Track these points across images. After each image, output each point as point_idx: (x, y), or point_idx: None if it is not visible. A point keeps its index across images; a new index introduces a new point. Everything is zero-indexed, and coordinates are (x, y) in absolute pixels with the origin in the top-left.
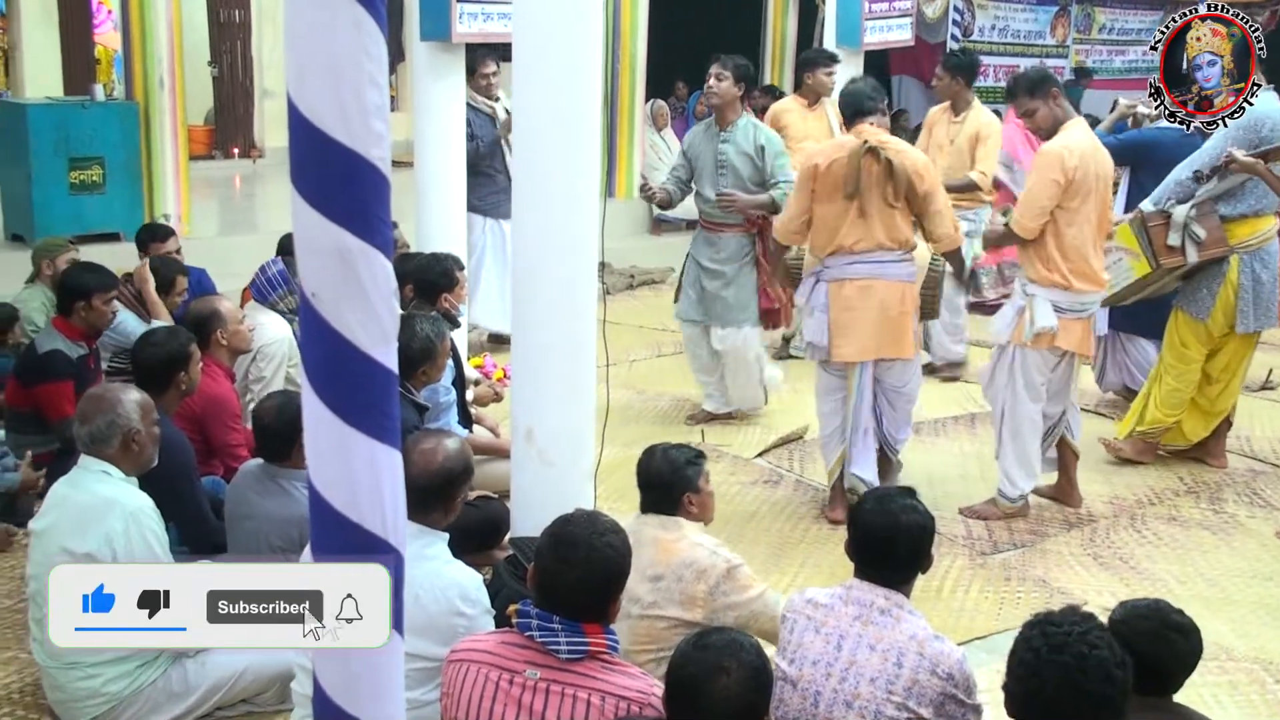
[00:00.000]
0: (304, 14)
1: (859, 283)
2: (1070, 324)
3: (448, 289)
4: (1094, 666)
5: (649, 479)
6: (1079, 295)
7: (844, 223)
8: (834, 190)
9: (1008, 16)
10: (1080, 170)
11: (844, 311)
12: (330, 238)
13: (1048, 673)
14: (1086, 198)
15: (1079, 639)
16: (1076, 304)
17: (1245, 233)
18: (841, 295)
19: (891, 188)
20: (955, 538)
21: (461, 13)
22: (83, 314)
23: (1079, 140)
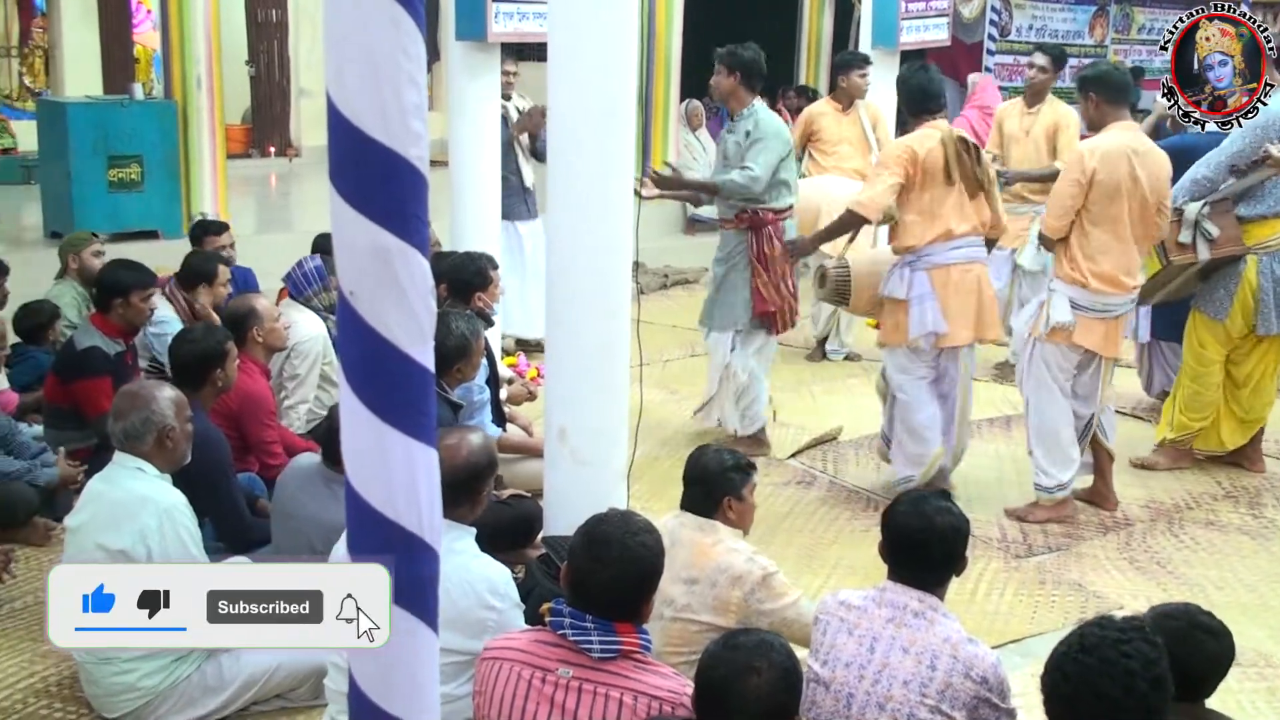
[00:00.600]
0: (343, 14)
1: (962, 266)
2: (1090, 323)
3: (481, 288)
4: (1119, 674)
5: (694, 475)
6: (1099, 295)
7: (948, 207)
8: (934, 176)
9: (1045, 16)
10: (1103, 172)
11: (953, 296)
12: (368, 236)
13: (1070, 670)
14: (1113, 199)
15: (1113, 645)
16: (1097, 304)
17: (1265, 233)
18: (949, 280)
19: (984, 178)
20: (990, 540)
21: (497, 12)
22: (121, 311)
23: (1108, 142)
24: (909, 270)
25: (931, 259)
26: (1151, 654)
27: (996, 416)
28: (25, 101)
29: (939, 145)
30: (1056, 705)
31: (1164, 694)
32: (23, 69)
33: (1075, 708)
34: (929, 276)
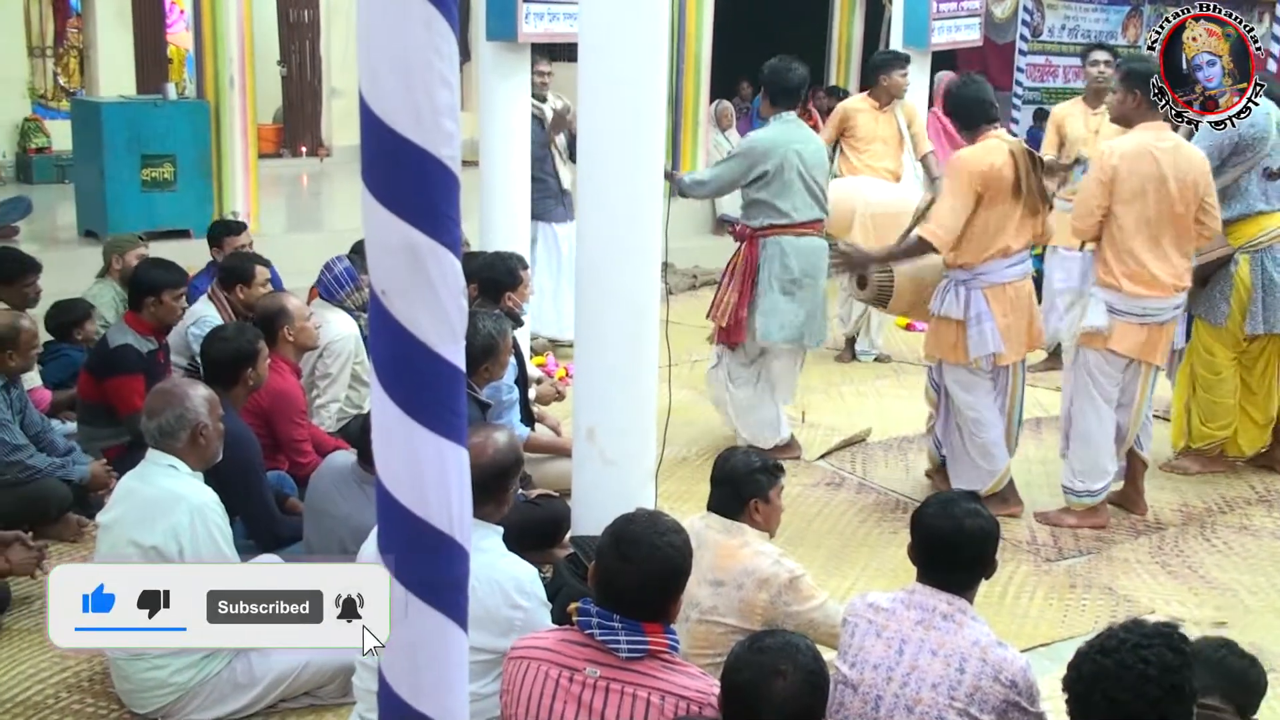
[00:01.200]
0: (377, 14)
1: (1016, 284)
2: (1127, 328)
3: (511, 288)
4: (1132, 678)
5: (722, 475)
6: (1136, 299)
7: (1011, 224)
8: (1004, 192)
9: (1078, 16)
10: (1125, 170)
11: (1010, 314)
12: (400, 236)
13: (1085, 669)
14: (1138, 200)
15: (1132, 649)
16: (1134, 308)
17: (1250, 231)
18: (1005, 298)
19: (1044, 188)
20: (1020, 543)
21: (528, 12)
22: (153, 309)
23: (1132, 141)
24: (965, 289)
25: (988, 277)
26: (1173, 661)
27: (1027, 419)
28: (60, 101)
29: (1009, 158)
30: (1072, 703)
31: (1181, 703)
32: (58, 69)
33: (1088, 707)
34: (985, 296)
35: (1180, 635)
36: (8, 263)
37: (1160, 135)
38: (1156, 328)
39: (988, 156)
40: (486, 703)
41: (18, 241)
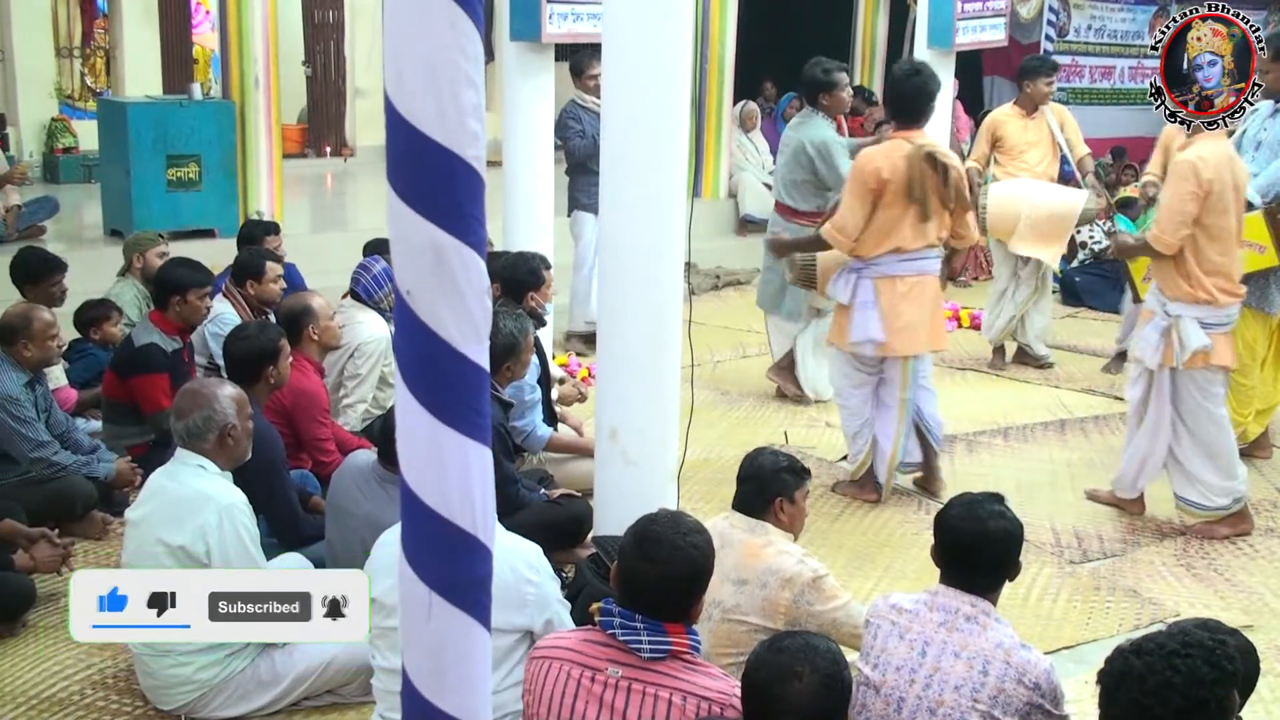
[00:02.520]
0: (402, 15)
1: (909, 279)
2: (1223, 338)
3: (534, 288)
4: (1156, 684)
5: (748, 473)
6: (1227, 309)
7: (904, 225)
8: (898, 195)
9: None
10: (1217, 182)
11: (900, 305)
12: (425, 236)
13: (1117, 666)
14: (1225, 210)
15: (1167, 655)
16: (1223, 318)
17: None
18: (895, 291)
19: (944, 192)
20: (1043, 545)
21: (552, 13)
22: (178, 309)
23: (1215, 150)
24: (856, 276)
25: (880, 269)
26: (1205, 675)
27: (1050, 420)
28: (87, 101)
29: (905, 163)
30: (1101, 696)
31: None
32: (85, 69)
33: (1112, 703)
34: (875, 285)
35: (1224, 653)
36: (34, 262)
37: (1224, 145)
38: (1230, 333)
39: (882, 159)
40: (501, 696)
41: (44, 241)
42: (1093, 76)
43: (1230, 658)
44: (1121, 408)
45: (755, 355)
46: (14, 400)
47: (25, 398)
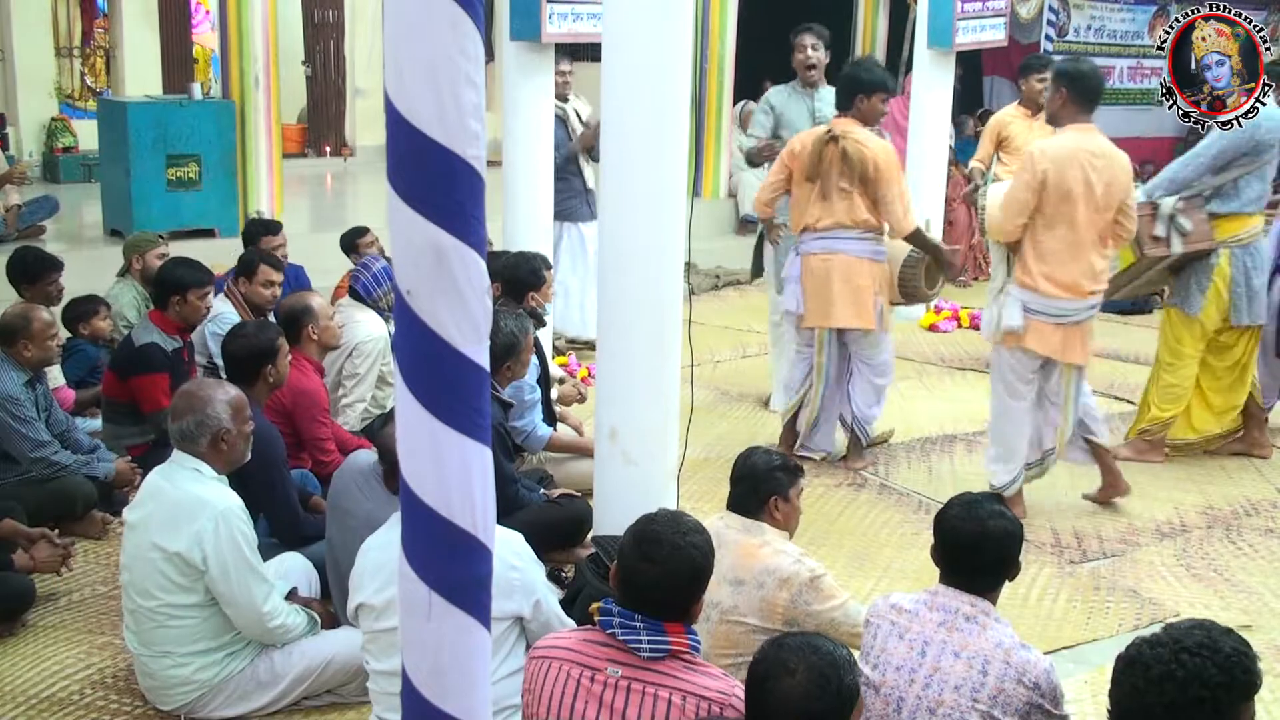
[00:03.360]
0: (403, 15)
1: (821, 256)
2: (1043, 327)
3: (535, 288)
4: (1157, 677)
5: (741, 473)
6: (1051, 300)
7: (808, 204)
8: (801, 173)
9: (1104, 16)
10: (1054, 174)
11: (810, 282)
12: (426, 236)
13: (1130, 651)
14: (1065, 202)
15: (1176, 651)
16: (1051, 308)
17: (1235, 228)
18: (809, 267)
19: (847, 174)
20: (1043, 545)
21: (552, 13)
22: (178, 308)
23: (1061, 144)
24: (794, 252)
25: (803, 246)
26: (1212, 677)
27: None
28: (87, 101)
29: (811, 144)
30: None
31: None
32: (84, 69)
33: (1119, 687)
34: (801, 261)
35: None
36: (30, 261)
37: (1092, 139)
38: (1073, 327)
39: (799, 140)
40: (499, 688)
41: (44, 241)
42: None
43: (1248, 670)
44: (1122, 407)
45: (755, 355)
46: (14, 400)
47: (25, 397)
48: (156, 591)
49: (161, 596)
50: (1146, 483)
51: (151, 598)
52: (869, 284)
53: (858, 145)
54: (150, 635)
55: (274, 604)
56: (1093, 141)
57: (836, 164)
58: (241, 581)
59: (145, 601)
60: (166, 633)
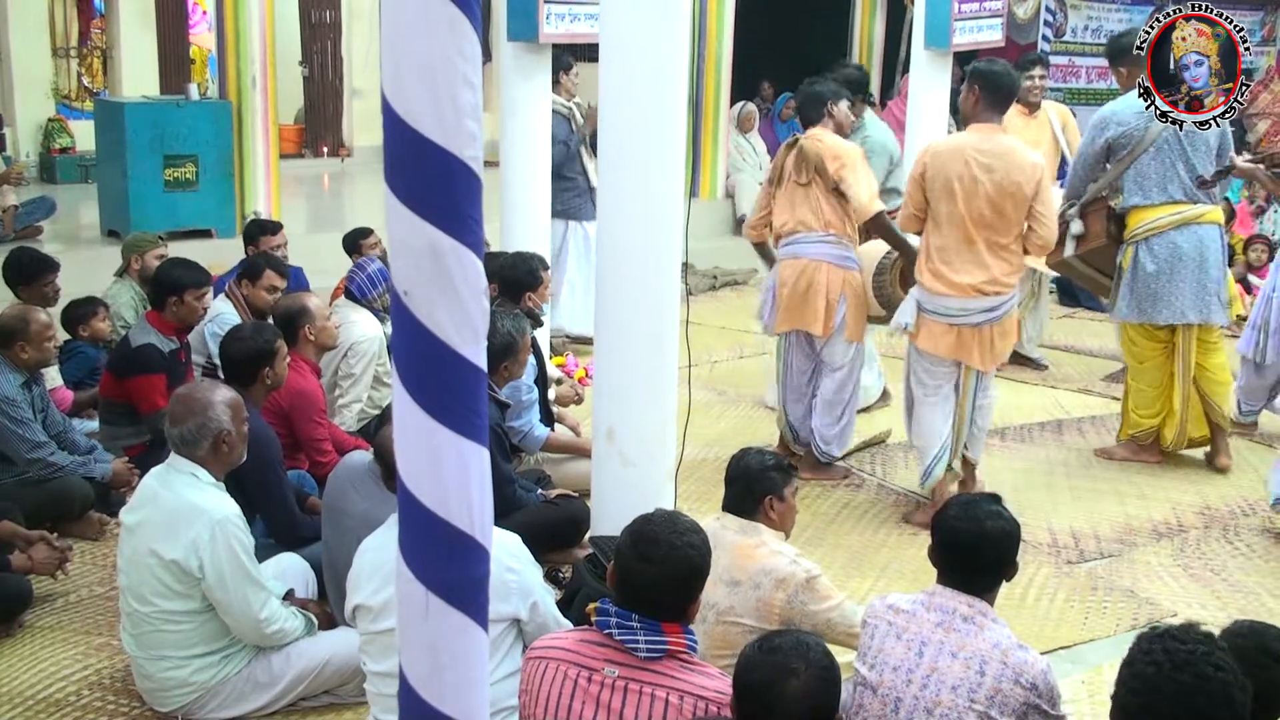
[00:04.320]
0: (400, 15)
1: (786, 261)
2: (934, 326)
3: (532, 288)
4: (1217, 689)
5: (735, 474)
6: (937, 298)
7: (779, 209)
8: (775, 180)
9: (1101, 17)
10: (933, 170)
11: (781, 287)
12: (423, 237)
13: (1168, 689)
14: (945, 199)
15: (1203, 659)
16: (939, 307)
17: (1135, 221)
18: (780, 274)
19: (803, 167)
20: (1040, 545)
21: (549, 13)
22: (175, 309)
23: (949, 141)
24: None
25: (779, 252)
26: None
27: (1047, 421)
28: (84, 102)
29: (782, 151)
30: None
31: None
32: (81, 69)
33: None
34: (778, 268)
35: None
36: (26, 262)
37: (987, 137)
38: (969, 330)
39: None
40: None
41: (40, 241)
42: (1089, 77)
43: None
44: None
45: (752, 356)
46: (11, 401)
47: (22, 398)
48: (153, 598)
49: (158, 603)
50: (1144, 482)
51: (148, 603)
52: (834, 288)
53: (814, 141)
54: (147, 639)
55: (270, 610)
56: (989, 141)
57: (795, 163)
58: (238, 589)
59: (141, 606)
60: (163, 637)
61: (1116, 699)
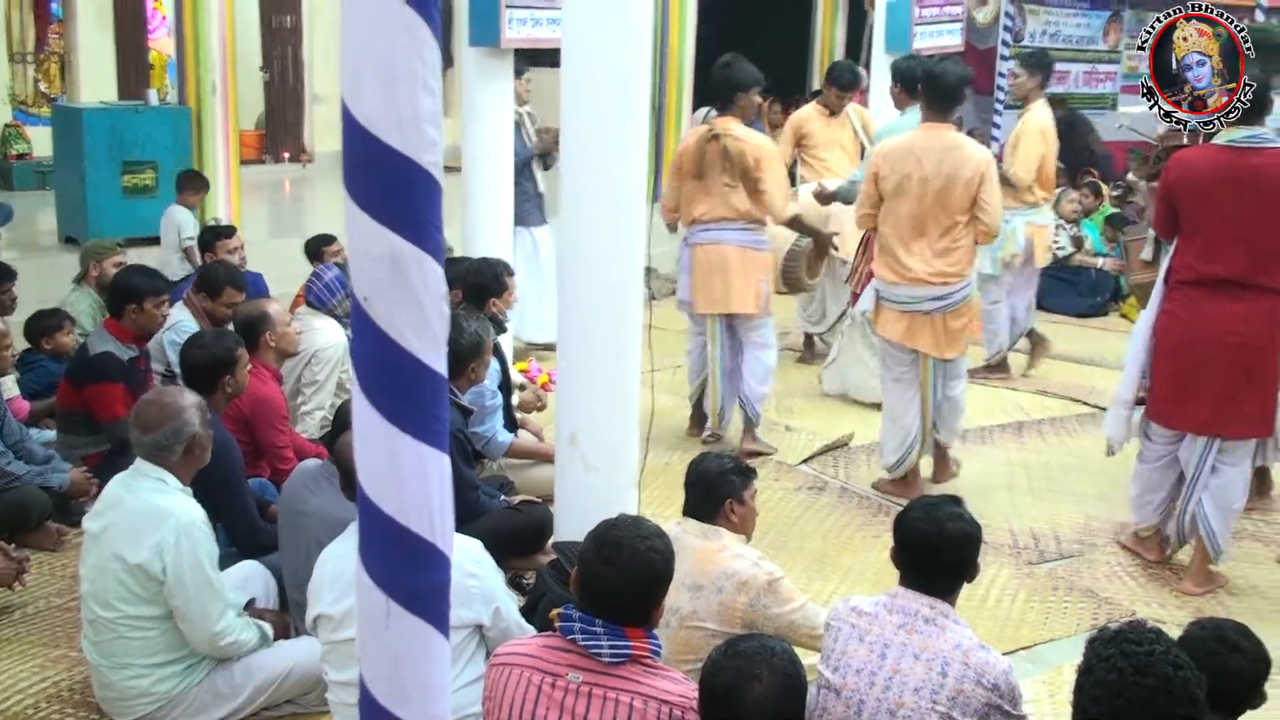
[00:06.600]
0: (359, 20)
1: (708, 247)
2: (889, 313)
3: (497, 294)
4: (1179, 688)
5: (695, 478)
6: (891, 287)
7: (696, 197)
8: (688, 170)
9: (1059, 22)
10: (885, 168)
11: (698, 270)
12: (383, 243)
13: (1132, 695)
14: (896, 195)
15: (1162, 659)
16: (891, 294)
17: None
18: (697, 258)
19: (728, 169)
20: (1002, 547)
21: (511, 18)
22: (134, 317)
23: (899, 140)
24: (683, 244)
25: (690, 239)
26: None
27: (1008, 423)
28: (41, 107)
29: (694, 143)
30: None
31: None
32: (39, 75)
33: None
34: (689, 252)
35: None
36: None
37: (935, 135)
38: (921, 317)
39: (686, 141)
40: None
41: None
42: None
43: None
44: (1077, 409)
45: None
46: None
47: None
48: (117, 603)
49: (122, 608)
50: (1103, 484)
51: (112, 609)
52: (754, 271)
53: (737, 142)
54: (110, 646)
55: (226, 622)
56: (937, 139)
57: (718, 161)
58: (198, 596)
59: (105, 612)
60: (126, 644)
61: (1078, 706)
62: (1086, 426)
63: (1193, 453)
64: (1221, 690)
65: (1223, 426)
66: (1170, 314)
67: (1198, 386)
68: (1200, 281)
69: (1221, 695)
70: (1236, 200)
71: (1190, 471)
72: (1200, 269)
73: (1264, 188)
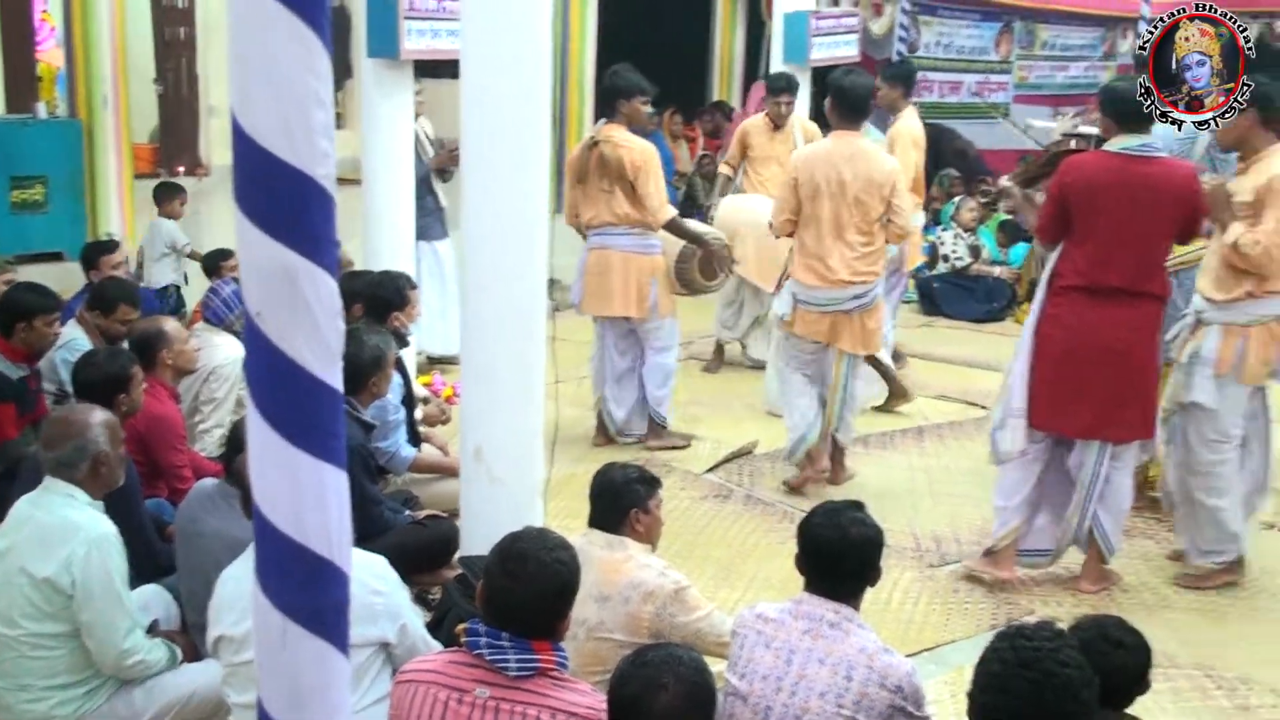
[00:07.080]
0: (248, 32)
1: (596, 251)
2: (807, 314)
3: (399, 307)
4: (1061, 685)
5: (599, 489)
6: (810, 289)
7: (581, 202)
8: (574, 177)
9: (952, 33)
10: (803, 175)
11: (587, 274)
12: (275, 257)
13: (1014, 687)
14: (813, 200)
15: (1049, 655)
16: (813, 298)
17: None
18: (588, 261)
19: (606, 174)
20: (904, 550)
21: (410, 29)
22: (24, 335)
23: (814, 147)
24: (585, 250)
25: (588, 243)
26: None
27: (909, 428)
28: None
29: (579, 151)
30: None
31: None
32: None
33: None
34: (586, 256)
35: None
36: None
37: (848, 143)
38: (842, 316)
39: (574, 149)
40: (364, 716)
41: None
42: (941, 91)
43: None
44: (977, 413)
45: None
46: None
47: None
48: (21, 619)
49: (26, 625)
50: None
51: (16, 626)
52: (638, 275)
53: (614, 147)
54: (10, 665)
55: (134, 641)
56: (850, 147)
57: (597, 167)
58: (106, 610)
59: (9, 630)
60: (28, 664)
61: (971, 697)
62: (984, 430)
63: (1085, 461)
64: (1112, 685)
65: (1107, 430)
66: (1054, 319)
67: (1081, 392)
68: (1089, 288)
69: (1111, 690)
70: (1130, 207)
71: (1084, 480)
72: (1091, 275)
73: (1155, 197)
